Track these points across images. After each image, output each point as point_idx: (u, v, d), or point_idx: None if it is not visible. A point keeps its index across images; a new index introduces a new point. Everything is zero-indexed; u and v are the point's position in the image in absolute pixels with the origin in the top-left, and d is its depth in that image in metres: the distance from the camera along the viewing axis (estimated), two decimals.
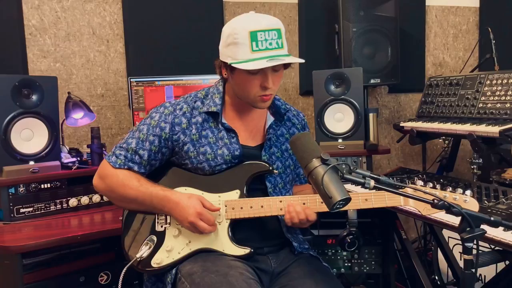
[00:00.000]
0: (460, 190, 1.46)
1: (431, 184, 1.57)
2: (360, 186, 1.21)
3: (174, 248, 1.58)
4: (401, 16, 3.19)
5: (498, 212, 1.65)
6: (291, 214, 1.53)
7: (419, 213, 1.51)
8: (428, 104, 2.24)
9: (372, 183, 1.21)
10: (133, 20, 2.97)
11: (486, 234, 1.46)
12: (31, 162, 2.20)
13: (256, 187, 1.65)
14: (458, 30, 3.71)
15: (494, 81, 1.91)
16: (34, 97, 2.21)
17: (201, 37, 3.07)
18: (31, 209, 2.19)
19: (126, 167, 1.62)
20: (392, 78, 3.07)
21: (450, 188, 1.49)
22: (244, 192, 1.61)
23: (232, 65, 1.53)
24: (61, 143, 2.43)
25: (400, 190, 1.28)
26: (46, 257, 2.06)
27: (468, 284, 1.23)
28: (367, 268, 2.47)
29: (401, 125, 2.29)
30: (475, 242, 1.18)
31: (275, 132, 1.73)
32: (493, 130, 1.71)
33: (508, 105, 1.80)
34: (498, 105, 1.84)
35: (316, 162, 1.22)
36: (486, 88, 1.94)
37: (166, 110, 1.65)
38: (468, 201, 1.45)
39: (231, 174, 1.63)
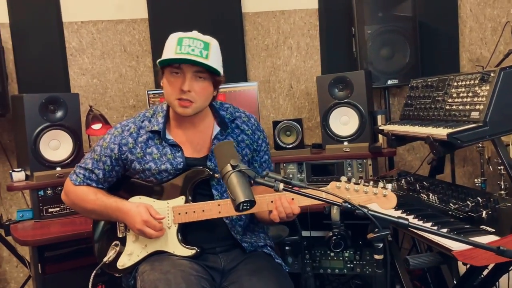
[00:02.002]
0: (381, 184, 1.49)
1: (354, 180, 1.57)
2: (273, 188, 1.31)
3: (134, 251, 1.78)
4: (431, 14, 3.13)
5: (457, 215, 1.63)
6: (278, 209, 1.62)
7: None
8: (409, 106, 2.21)
9: (281, 186, 1.30)
10: (159, 36, 3.22)
11: (428, 236, 1.49)
12: (58, 168, 2.54)
13: (206, 192, 1.78)
14: (497, 23, 3.50)
15: (460, 83, 1.85)
16: (59, 112, 2.55)
17: (222, 49, 3.25)
18: (57, 209, 2.52)
19: (85, 184, 1.81)
20: (411, 79, 3.01)
21: (372, 182, 1.53)
22: (189, 197, 1.73)
23: (157, 62, 1.67)
24: (88, 150, 2.75)
25: (313, 192, 1.35)
26: (65, 251, 2.37)
27: (379, 283, 1.27)
28: (370, 269, 2.48)
29: (380, 128, 2.28)
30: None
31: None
32: (442, 132, 1.67)
33: (467, 106, 1.74)
34: (460, 107, 1.78)
35: (228, 167, 1.34)
36: (453, 90, 1.88)
37: (115, 132, 1.80)
38: (387, 195, 1.49)
39: (178, 182, 1.76)
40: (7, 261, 3.19)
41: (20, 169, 2.57)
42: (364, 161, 2.60)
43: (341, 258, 2.53)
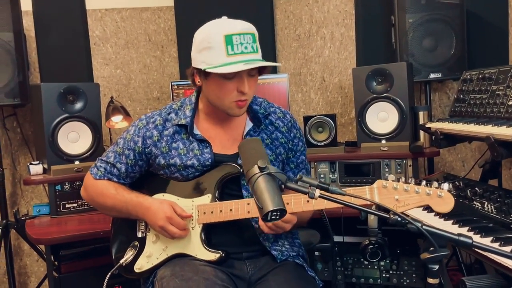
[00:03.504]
0: (436, 184, 1.30)
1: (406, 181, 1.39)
2: (307, 195, 1.12)
3: (153, 253, 1.63)
4: (479, 2, 2.88)
5: None
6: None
7: None
8: (460, 102, 1.96)
9: (317, 193, 1.11)
10: (185, 25, 3.07)
11: (489, 255, 1.27)
12: (77, 162, 2.41)
13: (235, 193, 1.62)
14: None
15: None
16: (78, 103, 2.42)
17: None
18: (75, 204, 2.40)
19: (105, 178, 1.68)
20: (456, 72, 2.76)
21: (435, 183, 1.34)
22: (216, 195, 1.59)
23: (207, 70, 1.48)
24: (109, 144, 2.63)
25: (357, 202, 1.15)
26: (82, 249, 2.25)
27: None
28: (407, 281, 2.26)
29: (427, 126, 2.04)
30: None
31: None
32: (507, 132, 1.43)
33: None
34: None
35: (255, 169, 1.15)
36: None
37: (140, 124, 1.67)
38: (443, 196, 1.31)
39: (204, 179, 1.62)
40: (28, 255, 3.11)
41: (38, 162, 2.46)
42: (404, 161, 2.37)
43: (376, 267, 2.32)
